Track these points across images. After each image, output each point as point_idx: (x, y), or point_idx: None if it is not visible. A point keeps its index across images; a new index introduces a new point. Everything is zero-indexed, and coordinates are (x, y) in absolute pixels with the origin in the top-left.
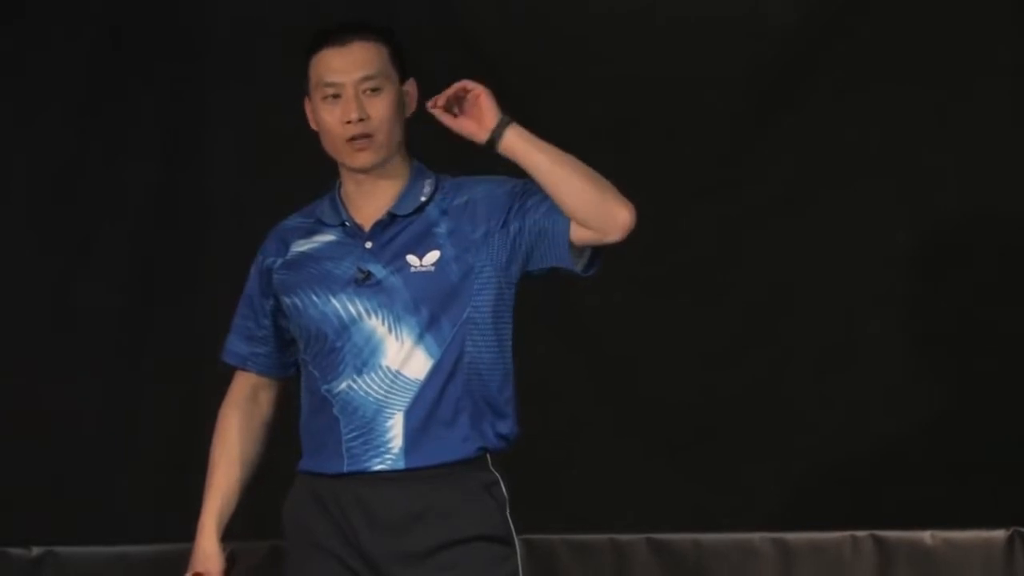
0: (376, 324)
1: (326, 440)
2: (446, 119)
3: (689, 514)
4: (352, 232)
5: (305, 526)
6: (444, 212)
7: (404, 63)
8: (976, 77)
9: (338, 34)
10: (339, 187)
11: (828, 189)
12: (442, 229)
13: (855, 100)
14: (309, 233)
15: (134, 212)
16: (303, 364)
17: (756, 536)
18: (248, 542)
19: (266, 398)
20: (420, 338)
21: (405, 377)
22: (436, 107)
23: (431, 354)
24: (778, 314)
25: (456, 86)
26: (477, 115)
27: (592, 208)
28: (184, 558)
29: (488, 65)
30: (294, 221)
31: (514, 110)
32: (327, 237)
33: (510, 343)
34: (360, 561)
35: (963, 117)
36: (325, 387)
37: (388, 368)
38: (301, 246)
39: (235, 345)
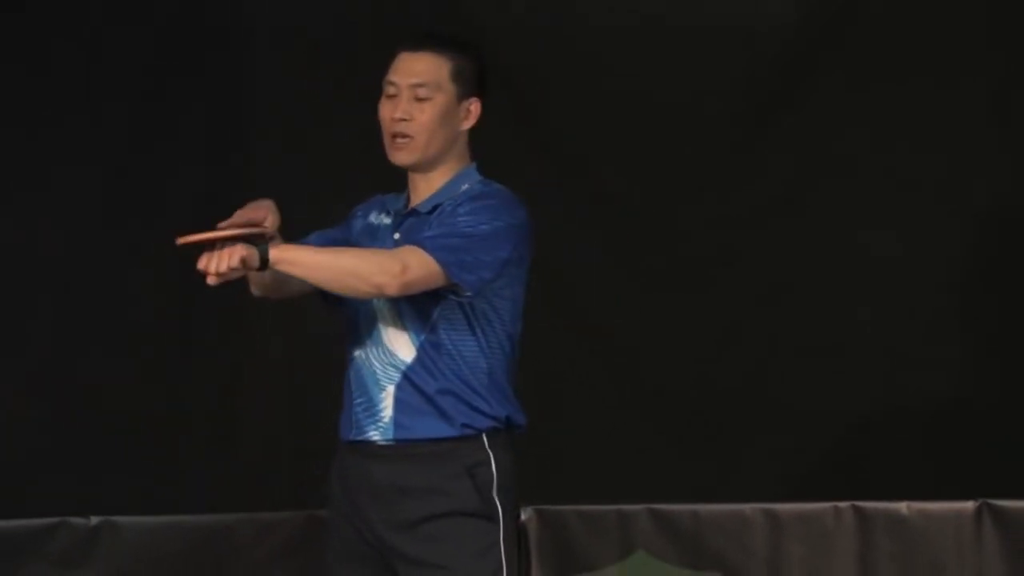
0: (383, 304)
1: (346, 404)
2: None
3: (688, 487)
4: (394, 221)
5: (333, 492)
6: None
7: (474, 81)
8: (977, 77)
9: (416, 40)
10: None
11: (827, 188)
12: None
13: (855, 100)
14: (380, 210)
15: (181, 212)
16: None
17: (748, 507)
18: (285, 512)
19: None
20: (408, 324)
21: (397, 356)
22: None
23: (414, 340)
24: (771, 307)
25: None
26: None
27: (352, 290)
28: (232, 528)
29: (489, 65)
30: (385, 195)
31: (516, 110)
32: (383, 219)
33: (496, 335)
34: (365, 526)
35: (962, 117)
36: (349, 349)
37: (387, 346)
38: (372, 217)
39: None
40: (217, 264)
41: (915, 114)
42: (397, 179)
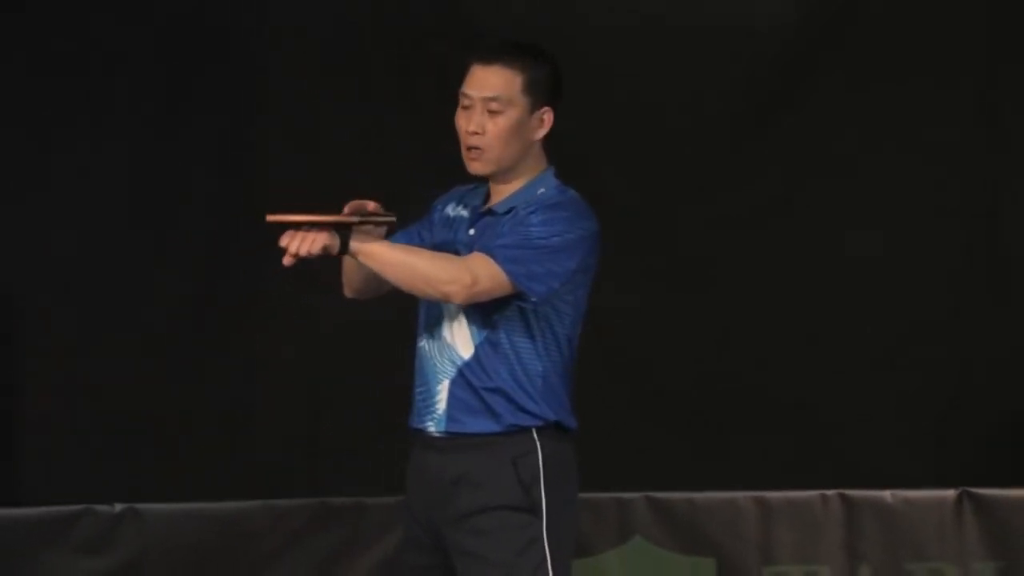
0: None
1: (413, 391)
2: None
3: (684, 476)
4: (471, 216)
5: (407, 481)
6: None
7: (547, 90)
8: (977, 77)
9: (489, 53)
10: None
11: (825, 188)
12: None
13: (854, 100)
14: (458, 203)
15: (200, 213)
16: None
17: (740, 495)
18: (299, 500)
19: None
20: (471, 321)
21: (455, 351)
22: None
23: (474, 337)
24: (764, 306)
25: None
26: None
27: (422, 294)
28: (248, 515)
29: None
30: (464, 187)
31: None
32: (462, 212)
33: (556, 338)
34: (422, 515)
35: (960, 117)
36: (417, 338)
37: (447, 340)
38: (449, 209)
39: (396, 237)
40: (299, 246)
41: (913, 115)
42: (397, 178)
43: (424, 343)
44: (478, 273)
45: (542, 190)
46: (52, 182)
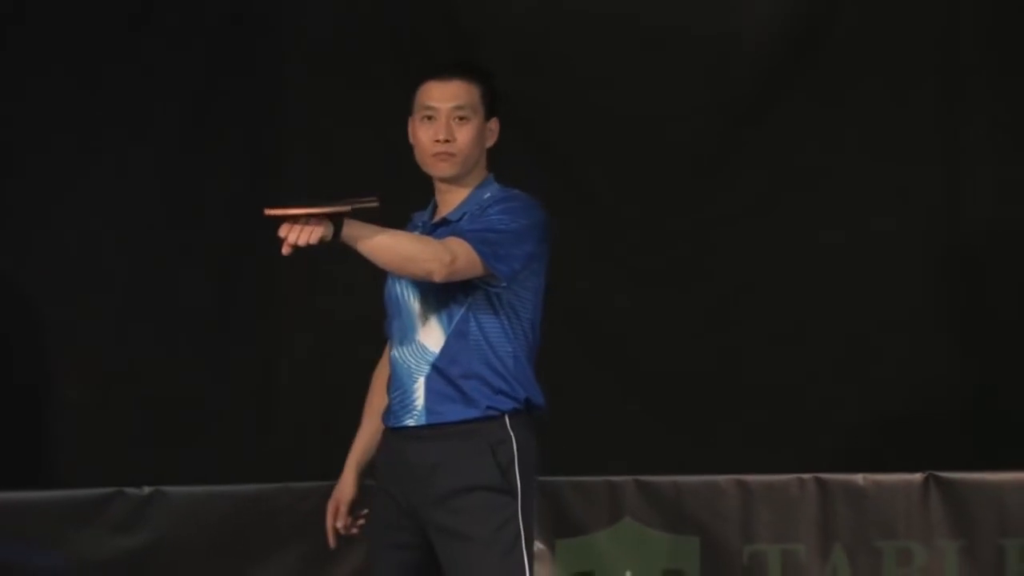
0: (416, 305)
1: (388, 397)
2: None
3: (670, 460)
4: (423, 231)
5: (378, 468)
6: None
7: (494, 104)
8: (941, 94)
9: (443, 70)
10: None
11: (800, 191)
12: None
13: (820, 118)
14: (413, 228)
15: (222, 219)
16: None
17: (722, 478)
18: (314, 482)
19: None
20: (439, 317)
21: (427, 349)
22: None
23: (445, 329)
24: (744, 301)
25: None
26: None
27: (407, 272)
28: (268, 496)
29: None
30: (415, 214)
31: (510, 117)
32: (413, 232)
33: (520, 322)
34: (402, 498)
35: (920, 125)
36: (391, 352)
37: (418, 341)
38: None
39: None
40: (297, 237)
41: (878, 123)
42: (400, 177)
43: (396, 352)
44: (456, 252)
45: (488, 194)
46: (89, 184)
